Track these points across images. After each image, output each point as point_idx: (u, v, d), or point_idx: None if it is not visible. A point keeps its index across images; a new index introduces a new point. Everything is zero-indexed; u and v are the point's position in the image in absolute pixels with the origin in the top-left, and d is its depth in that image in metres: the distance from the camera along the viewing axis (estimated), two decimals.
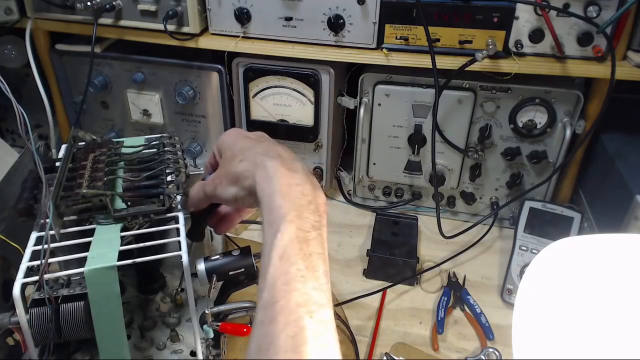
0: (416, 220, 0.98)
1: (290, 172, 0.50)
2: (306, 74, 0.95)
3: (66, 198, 0.58)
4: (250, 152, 0.54)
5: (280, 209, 0.46)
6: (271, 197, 0.48)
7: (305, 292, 0.42)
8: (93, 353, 0.63)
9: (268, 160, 0.51)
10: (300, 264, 0.43)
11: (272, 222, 0.46)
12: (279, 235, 0.45)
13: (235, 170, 0.53)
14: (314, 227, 0.46)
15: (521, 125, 0.92)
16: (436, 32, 0.85)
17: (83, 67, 1.02)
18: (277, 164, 0.50)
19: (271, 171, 0.50)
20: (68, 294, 0.58)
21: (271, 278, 0.43)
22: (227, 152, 0.57)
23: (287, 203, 0.47)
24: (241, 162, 0.53)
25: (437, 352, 0.77)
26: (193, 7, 0.90)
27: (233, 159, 0.55)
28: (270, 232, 0.46)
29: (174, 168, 0.65)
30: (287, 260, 0.43)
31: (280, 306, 0.41)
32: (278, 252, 0.44)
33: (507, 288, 0.86)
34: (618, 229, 0.79)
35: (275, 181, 0.49)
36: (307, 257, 0.44)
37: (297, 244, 0.44)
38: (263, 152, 0.53)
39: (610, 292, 0.47)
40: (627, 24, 0.81)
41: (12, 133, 1.19)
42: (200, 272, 0.60)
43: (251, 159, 0.53)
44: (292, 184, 0.49)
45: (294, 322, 0.40)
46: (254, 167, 0.51)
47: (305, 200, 0.48)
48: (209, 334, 0.61)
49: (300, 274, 0.43)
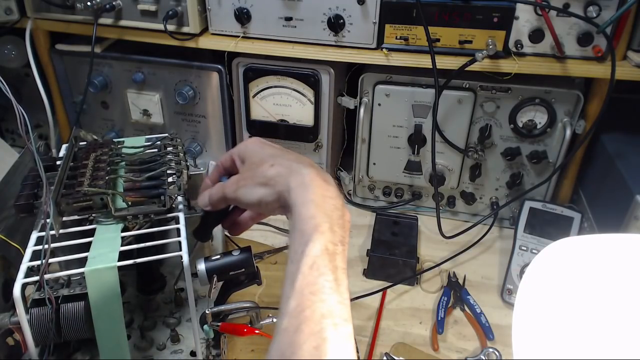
0: (416, 220, 0.98)
1: (325, 183, 0.50)
2: (306, 74, 0.95)
3: (67, 196, 0.58)
4: (282, 159, 0.54)
5: (314, 219, 0.47)
6: (306, 205, 0.48)
7: (330, 305, 0.43)
8: (93, 353, 0.63)
9: (304, 168, 0.51)
10: (328, 276, 0.44)
11: (304, 231, 0.46)
12: (311, 245, 0.45)
13: (266, 174, 0.53)
14: (341, 242, 0.47)
15: (521, 125, 0.92)
16: (436, 32, 0.85)
17: (83, 67, 1.02)
18: (313, 173, 0.51)
19: (307, 179, 0.50)
20: (68, 294, 0.58)
21: (299, 286, 0.43)
22: (253, 158, 0.57)
23: (321, 214, 0.47)
24: (273, 167, 0.53)
25: (437, 352, 0.77)
26: (193, 7, 0.90)
27: (262, 164, 0.54)
28: (301, 240, 0.46)
29: (176, 169, 0.65)
30: (317, 270, 0.44)
31: (305, 316, 0.42)
32: (308, 261, 0.44)
33: (507, 288, 0.86)
34: (618, 229, 0.79)
35: (310, 190, 0.49)
36: (335, 270, 0.45)
37: (327, 255, 0.45)
38: (297, 160, 0.53)
39: (610, 292, 0.47)
40: (627, 24, 0.81)
41: (12, 133, 1.19)
42: (201, 272, 0.60)
43: (285, 164, 0.53)
44: (326, 195, 0.49)
45: (318, 333, 0.41)
46: (289, 172, 0.51)
47: (337, 215, 0.48)
48: (209, 334, 0.61)
49: (329, 286, 0.43)
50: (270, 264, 0.90)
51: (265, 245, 0.95)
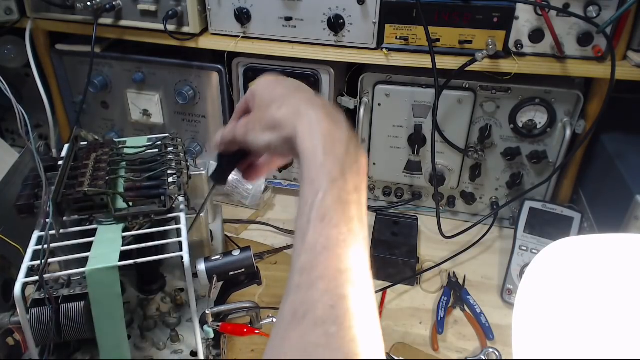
0: (416, 220, 0.98)
1: (335, 125, 0.46)
2: (306, 74, 0.95)
3: (67, 196, 0.58)
4: (292, 98, 0.49)
5: (324, 167, 0.43)
6: (314, 151, 0.44)
7: (346, 259, 0.39)
8: (93, 353, 0.63)
9: (312, 110, 0.46)
10: (342, 227, 0.40)
11: (314, 180, 0.42)
12: (321, 195, 0.41)
13: (274, 116, 0.49)
14: (356, 190, 0.43)
15: (521, 125, 0.92)
16: (436, 32, 0.85)
17: (83, 67, 1.02)
18: (321, 115, 0.46)
19: (315, 122, 0.45)
20: (68, 294, 0.58)
21: (311, 240, 0.40)
22: (264, 97, 0.52)
23: (331, 160, 0.43)
24: (281, 109, 0.48)
25: (437, 352, 0.77)
26: (193, 7, 0.90)
27: (271, 104, 0.50)
28: (311, 189, 0.42)
29: (176, 169, 0.65)
30: (329, 222, 0.40)
31: (319, 272, 0.38)
32: (319, 213, 0.40)
33: (507, 288, 0.86)
34: (618, 229, 0.79)
35: (319, 134, 0.45)
36: (349, 220, 0.41)
37: (339, 205, 0.41)
38: (306, 100, 0.48)
39: (610, 292, 0.48)
40: (627, 24, 0.81)
41: (12, 133, 1.19)
42: (201, 272, 0.60)
43: (293, 105, 0.48)
44: (336, 139, 0.45)
45: (334, 290, 0.37)
46: (296, 115, 0.47)
47: (350, 160, 0.44)
48: (210, 334, 0.61)
49: (343, 238, 0.40)
50: (270, 264, 0.90)
51: (265, 245, 0.95)
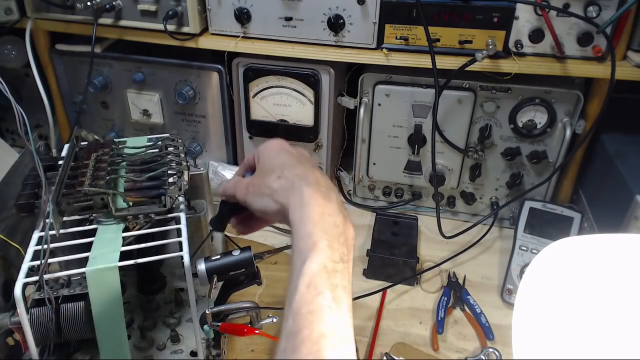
0: (416, 220, 0.98)
1: (325, 200, 0.49)
2: (306, 74, 0.95)
3: (68, 195, 0.58)
4: (290, 171, 0.53)
5: (311, 237, 0.46)
6: (303, 223, 0.48)
7: (329, 324, 0.42)
8: (93, 353, 0.63)
9: (305, 186, 0.50)
10: (326, 294, 0.43)
11: (302, 249, 0.46)
12: (308, 263, 0.44)
13: (271, 186, 0.53)
14: (342, 260, 0.46)
15: (521, 125, 0.92)
16: (436, 32, 0.85)
17: (83, 67, 1.02)
18: (313, 191, 0.50)
19: (306, 197, 0.49)
20: (68, 294, 0.58)
21: (296, 306, 0.42)
22: (266, 163, 0.56)
23: (319, 232, 0.47)
24: (279, 179, 0.53)
25: (437, 352, 0.77)
26: (193, 7, 0.90)
27: (271, 173, 0.54)
28: (299, 258, 0.46)
29: (176, 169, 0.65)
30: (314, 289, 0.43)
31: (303, 336, 0.41)
32: (305, 280, 0.43)
33: (507, 288, 0.86)
34: (618, 229, 0.79)
35: (309, 208, 0.48)
36: (334, 288, 0.44)
37: (324, 274, 0.44)
38: (302, 175, 0.52)
39: (610, 292, 0.47)
40: (627, 24, 0.81)
41: (12, 133, 1.19)
42: (201, 272, 0.60)
43: (289, 178, 0.52)
44: (325, 213, 0.48)
45: (316, 353, 0.40)
46: (291, 189, 0.51)
47: (337, 232, 0.48)
48: (210, 334, 0.61)
49: (327, 304, 0.42)
50: (270, 264, 0.90)
51: (265, 245, 0.95)
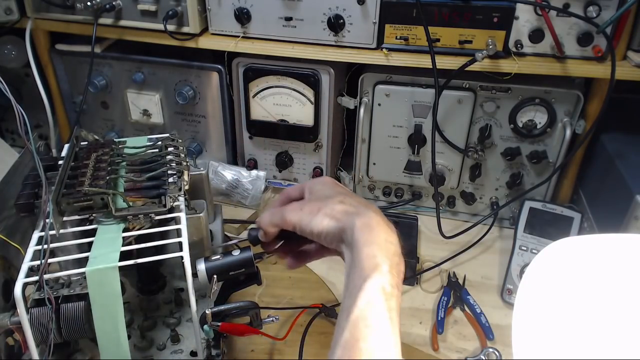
0: (416, 220, 0.98)
1: (389, 229, 0.52)
2: (306, 74, 0.95)
3: (67, 195, 0.58)
4: (351, 199, 0.57)
5: (375, 259, 0.49)
6: (369, 245, 0.50)
7: (384, 339, 0.44)
8: (93, 353, 0.63)
9: (371, 212, 0.53)
10: (384, 314, 0.46)
11: (365, 268, 0.48)
12: (369, 282, 0.47)
13: (335, 207, 0.55)
14: (397, 287, 0.49)
15: (521, 125, 0.92)
16: (436, 32, 0.85)
17: (83, 67, 1.02)
18: (379, 217, 0.53)
19: (373, 222, 0.52)
20: (68, 294, 0.58)
21: (354, 318, 0.45)
22: (324, 191, 0.60)
23: (382, 256, 0.49)
24: (342, 204, 0.55)
25: (437, 352, 0.77)
26: (193, 7, 0.90)
27: (332, 198, 0.57)
28: (360, 275, 0.48)
29: (176, 169, 0.65)
30: (373, 306, 0.46)
31: (359, 347, 0.43)
32: (366, 296, 0.46)
33: (507, 288, 0.86)
34: (618, 229, 0.79)
35: (375, 232, 0.51)
36: (390, 310, 0.46)
37: (383, 294, 0.47)
38: (364, 204, 0.56)
39: (610, 292, 0.48)
40: (627, 24, 0.81)
41: (12, 133, 1.19)
42: (201, 272, 0.60)
43: (354, 204, 0.55)
44: (389, 240, 0.51)
45: None
46: (356, 212, 0.54)
47: (396, 260, 0.50)
48: (210, 334, 0.61)
49: (383, 321, 0.45)
50: (270, 264, 0.90)
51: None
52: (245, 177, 1.05)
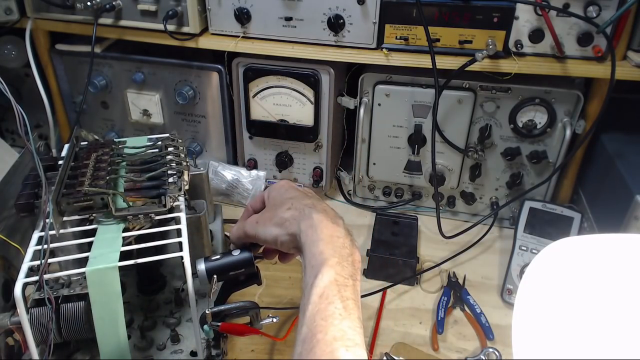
0: (416, 220, 0.98)
1: (333, 224, 0.54)
2: (306, 74, 0.95)
3: (67, 195, 0.58)
4: (299, 202, 0.58)
5: (322, 254, 0.51)
6: (315, 243, 0.52)
7: (341, 329, 0.45)
8: (93, 353, 0.63)
9: (315, 213, 0.56)
10: (338, 304, 0.47)
11: (314, 266, 0.50)
12: (320, 276, 0.49)
13: (283, 216, 0.57)
14: (351, 277, 0.50)
15: (521, 125, 0.92)
16: (436, 32, 0.85)
17: (83, 67, 1.02)
18: (322, 217, 0.55)
19: (316, 222, 0.54)
20: (68, 294, 0.58)
21: (310, 314, 0.46)
22: (276, 199, 0.62)
23: (329, 250, 0.51)
24: (289, 210, 0.58)
25: (437, 352, 0.77)
26: (193, 7, 0.90)
27: (281, 205, 0.59)
28: (311, 273, 0.50)
29: (176, 169, 0.65)
30: (326, 299, 0.47)
31: (317, 339, 0.44)
32: (318, 291, 0.48)
33: (507, 288, 0.86)
34: (618, 229, 0.79)
35: (319, 230, 0.53)
36: (344, 299, 0.47)
37: (335, 286, 0.48)
38: (311, 205, 0.57)
39: (610, 292, 0.47)
40: (627, 24, 0.81)
41: (12, 133, 1.19)
42: (201, 272, 0.60)
43: (299, 208, 0.57)
44: (334, 235, 0.53)
45: (330, 353, 0.43)
46: (301, 215, 0.56)
47: (345, 252, 0.52)
48: (210, 334, 0.61)
49: (338, 312, 0.46)
50: (270, 264, 0.89)
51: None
52: (245, 177, 1.05)
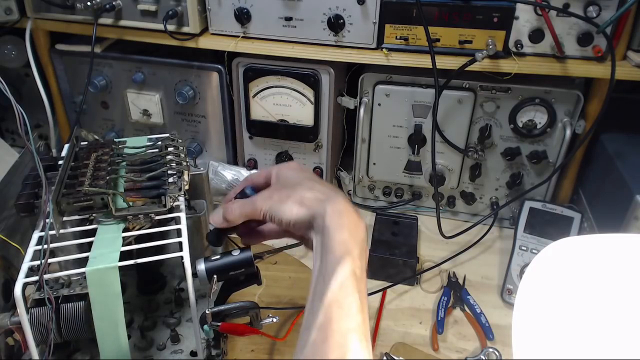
0: (416, 220, 0.98)
1: (357, 215, 0.54)
2: (306, 74, 0.95)
3: (67, 195, 0.58)
4: (320, 186, 0.57)
5: (347, 244, 0.50)
6: (340, 229, 0.51)
7: (356, 322, 0.46)
8: (93, 353, 0.63)
9: (340, 197, 0.55)
10: (355, 296, 0.48)
11: (336, 253, 0.50)
12: (342, 266, 0.49)
13: (304, 195, 0.56)
14: (364, 271, 0.51)
15: (521, 125, 0.92)
16: (436, 32, 0.85)
17: (83, 67, 1.02)
18: (347, 204, 0.54)
19: (343, 207, 0.53)
20: (68, 294, 0.58)
21: (328, 302, 0.47)
22: (291, 178, 0.60)
23: (353, 241, 0.51)
24: (312, 190, 0.56)
25: (437, 352, 0.77)
26: (193, 7, 0.90)
27: (300, 185, 0.58)
28: (332, 259, 0.49)
29: (176, 169, 0.65)
30: (345, 290, 0.47)
31: (332, 329, 0.45)
32: (338, 280, 0.48)
33: (507, 288, 0.86)
34: (618, 229, 0.79)
35: (345, 217, 0.52)
36: (360, 292, 0.48)
37: (354, 279, 0.48)
38: (333, 189, 0.57)
39: (610, 292, 0.48)
40: (627, 24, 0.81)
41: (12, 133, 1.19)
42: (201, 272, 0.60)
43: (323, 190, 0.56)
44: (358, 226, 0.53)
45: (344, 345, 0.44)
46: (326, 198, 0.54)
47: (363, 246, 0.52)
48: (210, 334, 0.61)
49: (355, 305, 0.47)
50: (270, 264, 0.90)
51: (265, 245, 0.94)
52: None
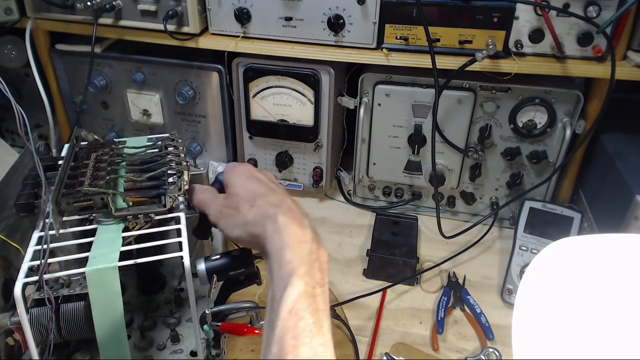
0: (416, 220, 0.98)
1: (300, 228, 0.51)
2: (306, 74, 0.95)
3: (67, 195, 0.58)
4: (262, 200, 0.54)
5: (290, 264, 0.47)
6: (281, 250, 0.49)
7: (312, 348, 0.43)
8: (93, 353, 0.63)
9: (280, 215, 0.51)
10: (308, 319, 0.44)
11: (281, 276, 0.47)
12: (289, 289, 0.45)
13: (245, 216, 0.54)
14: (319, 284, 0.47)
15: (521, 125, 0.92)
16: (436, 32, 0.85)
17: (83, 67, 1.02)
18: (287, 220, 0.51)
19: (282, 225, 0.50)
20: (68, 294, 0.58)
21: (280, 332, 0.43)
22: (237, 188, 0.57)
23: (297, 258, 0.48)
24: (252, 209, 0.54)
25: (437, 352, 0.77)
26: (193, 7, 0.90)
27: (244, 202, 0.55)
28: (279, 285, 0.47)
29: (176, 169, 0.65)
30: (296, 314, 0.44)
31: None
32: (287, 306, 0.44)
33: (507, 288, 0.86)
34: (618, 229, 0.79)
35: (285, 235, 0.49)
36: (315, 312, 0.45)
37: (305, 299, 0.45)
38: (275, 204, 0.53)
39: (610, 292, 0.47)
40: (627, 24, 0.81)
41: (12, 133, 1.19)
42: (201, 272, 0.60)
43: (263, 208, 0.53)
44: (301, 240, 0.50)
45: None
46: (265, 218, 0.52)
47: (312, 258, 0.49)
48: (209, 334, 0.61)
49: (309, 329, 0.43)
50: None
51: None
52: None
